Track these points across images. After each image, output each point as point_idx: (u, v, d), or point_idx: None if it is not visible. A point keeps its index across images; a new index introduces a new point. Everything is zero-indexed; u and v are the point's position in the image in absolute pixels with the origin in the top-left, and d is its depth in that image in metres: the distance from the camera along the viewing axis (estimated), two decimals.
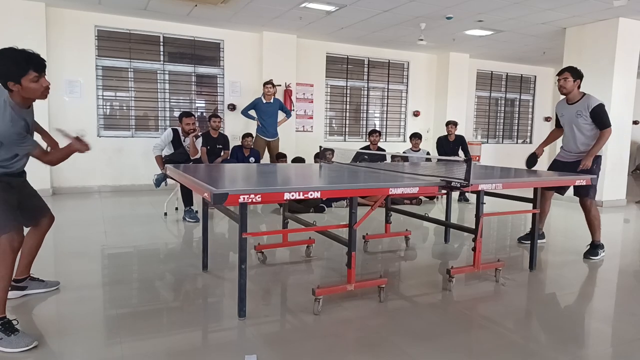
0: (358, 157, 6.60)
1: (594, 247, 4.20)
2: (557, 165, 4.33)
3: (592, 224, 4.19)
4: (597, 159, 4.12)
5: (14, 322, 2.34)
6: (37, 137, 2.68)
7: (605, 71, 6.96)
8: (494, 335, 2.61)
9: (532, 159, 4.38)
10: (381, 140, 10.17)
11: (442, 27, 7.62)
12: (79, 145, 2.60)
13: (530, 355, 2.39)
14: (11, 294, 2.61)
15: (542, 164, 4.54)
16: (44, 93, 2.39)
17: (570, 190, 4.12)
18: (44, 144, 2.69)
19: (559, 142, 4.48)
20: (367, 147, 7.60)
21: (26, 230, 2.65)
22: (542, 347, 2.45)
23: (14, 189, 2.54)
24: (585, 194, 4.07)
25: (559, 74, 4.16)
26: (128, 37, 7.66)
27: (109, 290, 3.21)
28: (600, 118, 4.01)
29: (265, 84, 7.46)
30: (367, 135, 7.81)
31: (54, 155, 2.62)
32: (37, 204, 2.81)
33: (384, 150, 7.56)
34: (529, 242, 4.50)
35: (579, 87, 4.13)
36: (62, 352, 2.31)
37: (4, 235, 2.33)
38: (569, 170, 4.10)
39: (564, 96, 4.22)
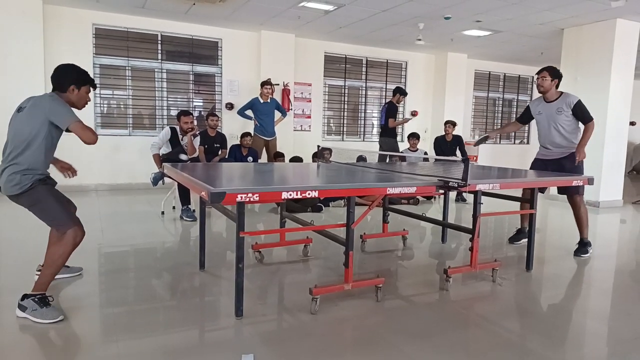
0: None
1: (583, 245, 4.29)
2: (538, 164, 4.41)
3: (581, 220, 4.27)
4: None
5: (50, 299, 2.62)
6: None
7: (603, 72, 6.98)
8: (491, 334, 2.61)
9: (482, 140, 4.72)
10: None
11: (440, 27, 7.63)
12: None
13: (527, 354, 2.39)
14: (36, 277, 2.78)
15: (524, 164, 4.57)
16: (84, 105, 2.90)
17: (554, 189, 4.21)
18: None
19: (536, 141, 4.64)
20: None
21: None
22: (538, 347, 2.46)
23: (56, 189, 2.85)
24: (574, 191, 4.15)
25: (538, 73, 4.30)
26: (126, 35, 7.64)
27: (105, 289, 3.21)
28: (583, 112, 4.16)
29: (263, 84, 7.44)
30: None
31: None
32: (69, 205, 3.14)
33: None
34: (520, 241, 4.56)
35: (557, 87, 4.27)
36: (59, 351, 2.31)
37: (70, 230, 2.65)
38: (552, 167, 4.22)
39: (541, 94, 4.34)
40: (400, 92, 7.53)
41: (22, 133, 2.62)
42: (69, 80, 2.76)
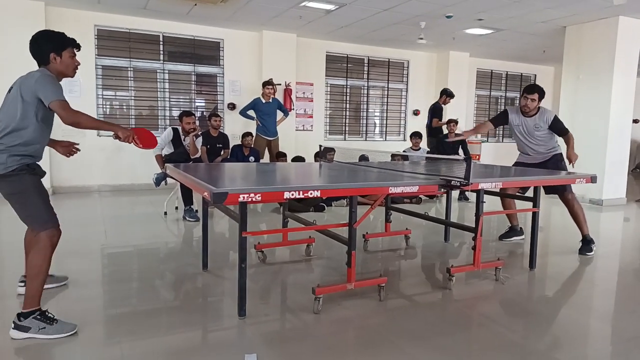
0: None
1: (587, 243, 4.28)
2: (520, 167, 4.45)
3: (577, 217, 4.28)
4: (561, 155, 4.32)
5: (47, 313, 2.46)
6: None
7: (605, 70, 6.96)
8: (494, 333, 2.61)
9: (457, 140, 4.76)
10: (382, 139, 10.24)
11: (442, 26, 7.62)
12: (125, 133, 2.58)
13: (530, 353, 2.39)
14: (21, 289, 2.75)
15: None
16: (74, 70, 2.65)
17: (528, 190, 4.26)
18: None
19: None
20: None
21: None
22: (541, 346, 2.45)
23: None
24: (562, 189, 4.17)
25: (528, 92, 4.16)
26: (128, 36, 7.66)
27: (109, 290, 3.21)
28: (560, 127, 4.22)
29: (265, 84, 7.45)
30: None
31: (87, 118, 2.53)
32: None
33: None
34: (511, 239, 4.62)
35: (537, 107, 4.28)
36: (62, 351, 2.31)
37: (45, 232, 2.45)
38: (537, 171, 4.18)
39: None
40: (447, 93, 7.70)
41: (11, 111, 2.43)
42: (46, 49, 2.54)
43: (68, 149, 2.96)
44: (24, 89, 2.43)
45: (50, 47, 2.55)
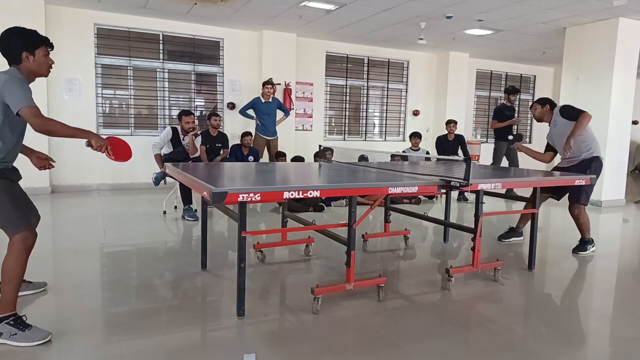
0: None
1: (583, 243, 4.30)
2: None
3: (581, 228, 4.29)
4: (597, 161, 4.16)
5: (24, 318, 2.39)
6: None
7: (605, 71, 6.96)
8: (493, 334, 2.61)
9: (518, 138, 4.55)
10: (382, 139, 10.24)
11: (442, 27, 7.62)
12: (99, 142, 2.46)
13: (529, 354, 2.39)
14: None
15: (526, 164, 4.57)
16: (48, 69, 2.54)
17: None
18: None
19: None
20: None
21: None
22: (540, 346, 2.45)
23: (16, 185, 2.54)
24: (576, 198, 4.14)
25: (530, 107, 4.57)
26: (127, 35, 7.65)
27: (108, 289, 3.21)
28: (570, 112, 4.18)
29: (264, 84, 7.45)
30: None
31: (61, 125, 2.39)
32: (28, 203, 2.73)
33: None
34: (510, 239, 4.62)
35: (551, 110, 4.36)
36: (61, 351, 2.31)
37: (18, 235, 2.37)
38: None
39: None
40: (507, 91, 7.63)
41: None
42: (17, 47, 2.40)
43: (42, 162, 2.78)
44: None
45: (22, 44, 2.40)
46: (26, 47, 2.41)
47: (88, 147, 2.49)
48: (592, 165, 4.14)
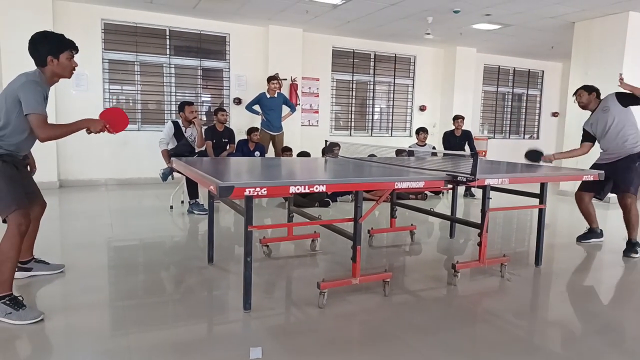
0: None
1: (632, 245, 4.14)
2: (596, 168, 4.22)
3: (630, 223, 4.11)
4: (638, 155, 4.11)
5: (20, 299, 2.51)
6: None
7: (614, 66, 6.88)
8: (499, 330, 2.60)
9: (536, 156, 4.30)
10: (388, 135, 10.21)
11: (449, 21, 7.57)
12: (96, 125, 2.66)
13: (535, 350, 2.38)
14: (18, 274, 2.76)
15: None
16: (71, 72, 2.69)
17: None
18: None
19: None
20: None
21: None
22: (546, 343, 2.45)
23: (19, 171, 2.66)
24: (625, 189, 4.01)
25: (574, 94, 4.53)
26: (134, 30, 7.67)
27: (115, 282, 3.24)
28: (629, 91, 4.14)
29: (270, 79, 7.44)
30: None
31: (61, 129, 2.63)
32: (34, 189, 2.91)
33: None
34: (589, 240, 4.50)
35: (598, 97, 4.37)
36: (69, 344, 2.33)
37: (11, 216, 2.47)
38: (609, 170, 3.98)
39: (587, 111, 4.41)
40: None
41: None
42: (44, 51, 2.57)
43: (31, 165, 3.05)
44: (8, 91, 2.50)
45: (48, 49, 2.57)
46: (51, 52, 2.58)
47: (89, 134, 2.68)
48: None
